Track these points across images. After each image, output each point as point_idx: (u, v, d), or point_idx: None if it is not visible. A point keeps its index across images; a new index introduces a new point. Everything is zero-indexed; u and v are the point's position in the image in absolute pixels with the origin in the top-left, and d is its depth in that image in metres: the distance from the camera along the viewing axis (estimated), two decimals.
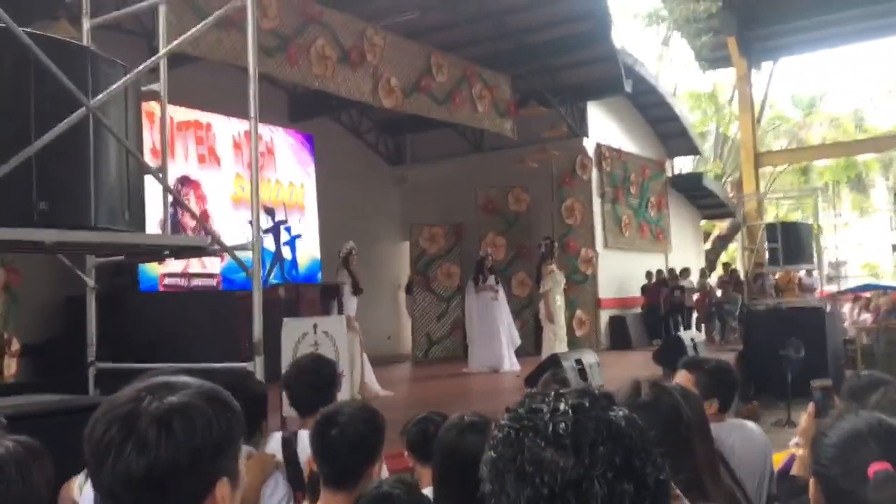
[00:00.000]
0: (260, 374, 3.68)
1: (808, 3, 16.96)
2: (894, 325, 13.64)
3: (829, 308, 13.31)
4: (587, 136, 14.37)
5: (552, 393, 0.97)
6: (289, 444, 2.95)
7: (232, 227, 10.31)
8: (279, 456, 2.92)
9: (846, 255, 25.73)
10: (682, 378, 2.86)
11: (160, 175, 3.88)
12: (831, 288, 16.37)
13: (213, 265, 10.20)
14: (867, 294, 17.56)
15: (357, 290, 8.86)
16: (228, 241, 4.41)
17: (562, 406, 0.94)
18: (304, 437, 2.88)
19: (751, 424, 3.10)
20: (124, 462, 1.07)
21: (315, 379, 3.12)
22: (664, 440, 1.62)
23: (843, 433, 1.51)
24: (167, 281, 9.72)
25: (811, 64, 43.50)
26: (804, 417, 2.43)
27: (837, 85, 27.75)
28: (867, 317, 14.71)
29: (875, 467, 1.42)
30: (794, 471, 2.27)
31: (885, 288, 18.96)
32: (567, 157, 13.92)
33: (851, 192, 28.96)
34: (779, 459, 3.05)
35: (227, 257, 9.33)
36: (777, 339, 10.38)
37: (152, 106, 6.26)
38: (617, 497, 0.88)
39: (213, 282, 10.29)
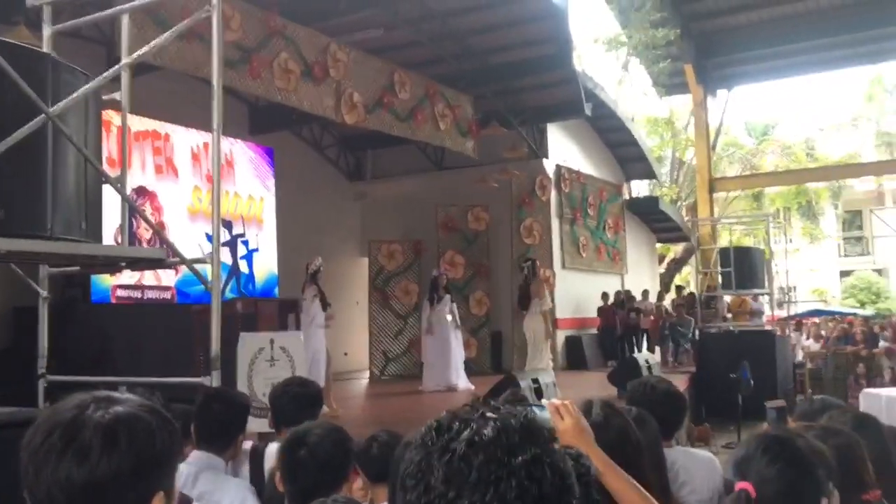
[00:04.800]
0: None
1: (763, 34, 17.44)
2: (843, 350, 13.97)
3: (779, 332, 13.60)
4: (547, 158, 14.52)
5: (477, 413, 0.96)
6: (257, 455, 2.94)
7: (188, 239, 10.17)
8: (246, 466, 2.91)
9: (796, 280, 26.33)
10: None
11: (119, 185, 3.82)
12: (781, 313, 16.69)
13: (168, 278, 10.04)
14: (815, 319, 18.00)
15: (325, 304, 9.00)
16: (184, 253, 4.35)
17: (463, 434, 0.92)
18: (271, 449, 2.87)
19: (701, 451, 3.14)
20: (65, 469, 1.06)
21: (301, 393, 3.14)
22: (613, 459, 1.67)
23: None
24: (120, 293, 9.53)
25: (765, 93, 44.66)
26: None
27: (790, 114, 28.54)
28: (813, 342, 15.05)
29: (739, 485, 1.58)
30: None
31: (834, 314, 19.45)
32: (527, 177, 14.04)
33: (801, 219, 29.69)
34: None
35: (182, 270, 9.22)
36: (729, 362, 10.55)
37: (110, 115, 6.18)
38: None
39: (168, 294, 10.12)
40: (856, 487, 1.85)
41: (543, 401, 1.82)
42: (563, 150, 15.25)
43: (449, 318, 11.47)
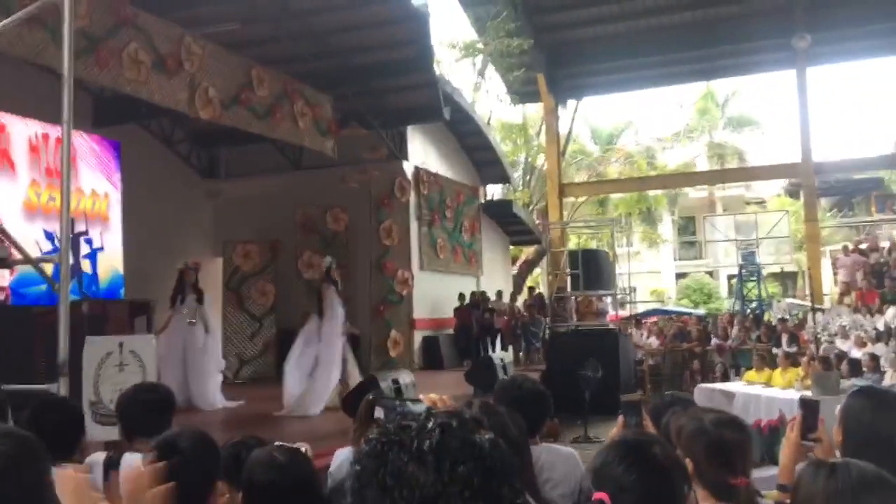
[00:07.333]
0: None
1: (608, 48, 18.39)
2: (679, 347, 14.91)
3: (621, 331, 14.35)
4: (406, 160, 14.64)
5: (425, 411, 1.01)
6: (111, 467, 2.78)
7: (24, 237, 9.49)
8: (99, 478, 2.75)
9: (636, 282, 27.90)
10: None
11: None
12: (623, 312, 17.64)
13: (2, 278, 9.33)
14: (654, 319, 19.14)
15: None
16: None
17: (430, 424, 0.97)
18: (128, 461, 2.73)
19: (563, 448, 3.28)
20: None
21: (152, 399, 3.00)
22: None
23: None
24: None
25: (611, 103, 47.03)
26: (614, 430, 2.63)
27: (632, 124, 30.25)
28: (653, 340, 15.99)
29: (596, 496, 1.60)
30: None
31: (671, 313, 20.76)
32: (386, 178, 14.10)
33: (642, 225, 31.46)
34: None
35: (18, 270, 8.60)
36: (577, 359, 11.01)
37: None
38: None
39: (1, 296, 9.41)
40: (727, 472, 1.99)
41: (421, 395, 1.86)
42: (422, 152, 15.43)
43: (192, 323, 9.39)
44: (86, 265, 11.19)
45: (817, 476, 1.61)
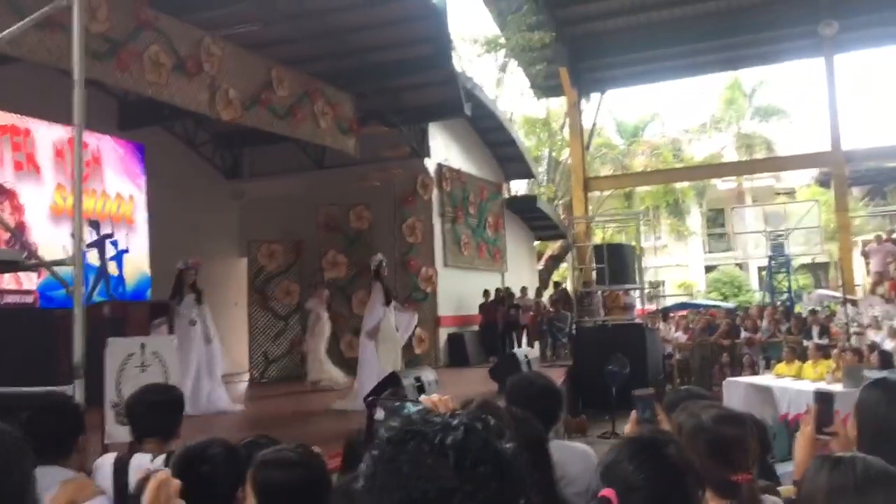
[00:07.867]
0: (80, 398, 3.45)
1: (631, 39, 18.20)
2: (708, 341, 14.71)
3: (649, 325, 14.20)
4: (428, 157, 14.60)
5: (449, 412, 1.02)
6: (121, 467, 2.79)
7: (52, 240, 9.66)
8: (109, 478, 2.76)
9: (664, 275, 27.63)
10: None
11: None
12: (650, 306, 17.45)
13: (30, 281, 9.48)
14: (682, 312, 18.90)
15: (388, 299, 9.12)
16: (48, 255, 4.11)
17: (454, 422, 0.97)
18: (137, 461, 2.74)
19: (577, 444, 3.22)
20: None
21: (159, 400, 3.01)
22: None
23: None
24: None
25: (636, 94, 46.65)
26: (628, 427, 2.59)
27: (658, 116, 29.95)
28: (681, 334, 15.78)
29: (602, 493, 1.55)
30: None
31: (700, 307, 20.51)
32: (409, 176, 14.09)
33: (669, 217, 31.11)
34: None
35: (45, 273, 8.70)
36: (603, 354, 10.92)
37: None
38: None
39: (30, 299, 9.54)
40: (728, 469, 1.93)
41: (422, 397, 1.82)
42: (445, 149, 15.39)
43: (192, 324, 9.03)
44: (112, 267, 11.33)
45: (821, 470, 1.55)
